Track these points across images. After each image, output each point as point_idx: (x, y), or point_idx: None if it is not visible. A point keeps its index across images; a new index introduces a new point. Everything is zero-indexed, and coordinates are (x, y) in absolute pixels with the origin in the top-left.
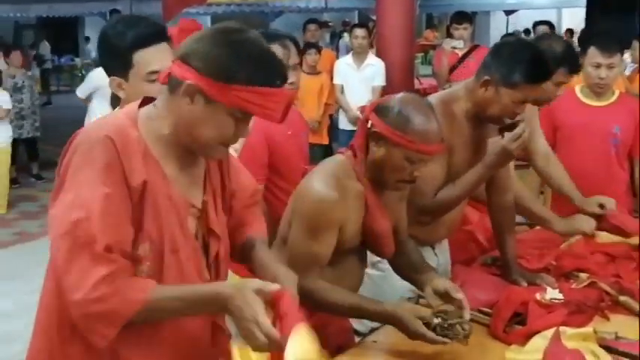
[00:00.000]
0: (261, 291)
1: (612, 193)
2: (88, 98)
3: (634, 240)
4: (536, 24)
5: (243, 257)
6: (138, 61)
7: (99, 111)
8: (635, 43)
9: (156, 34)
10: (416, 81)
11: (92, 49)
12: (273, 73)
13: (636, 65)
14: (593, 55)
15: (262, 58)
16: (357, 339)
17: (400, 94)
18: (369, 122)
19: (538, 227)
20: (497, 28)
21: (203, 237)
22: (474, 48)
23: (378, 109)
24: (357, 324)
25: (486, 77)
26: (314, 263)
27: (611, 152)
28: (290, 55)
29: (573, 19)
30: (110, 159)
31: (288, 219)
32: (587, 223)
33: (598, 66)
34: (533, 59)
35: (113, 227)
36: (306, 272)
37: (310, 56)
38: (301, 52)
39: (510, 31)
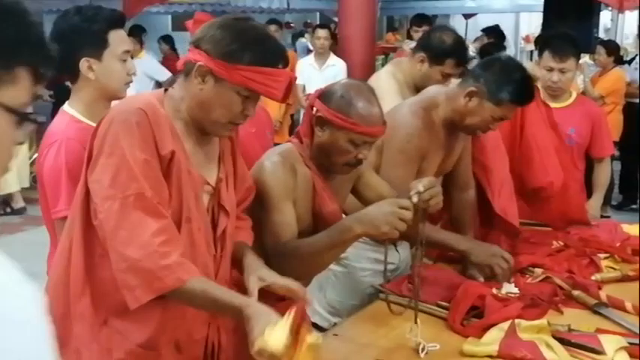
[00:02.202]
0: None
1: (567, 193)
2: None
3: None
4: (484, 30)
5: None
6: (114, 39)
7: None
8: (600, 48)
9: (123, 17)
10: None
11: None
12: (274, 56)
13: (599, 69)
14: (547, 59)
15: (265, 42)
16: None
17: (342, 80)
18: (314, 108)
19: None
20: (457, 31)
21: (213, 213)
22: None
23: (322, 95)
24: (319, 319)
25: (472, 88)
26: (282, 231)
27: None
28: None
29: (531, 23)
30: (144, 128)
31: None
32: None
33: (550, 70)
34: (522, 81)
35: (156, 188)
36: (278, 242)
37: None
38: None
39: (470, 34)
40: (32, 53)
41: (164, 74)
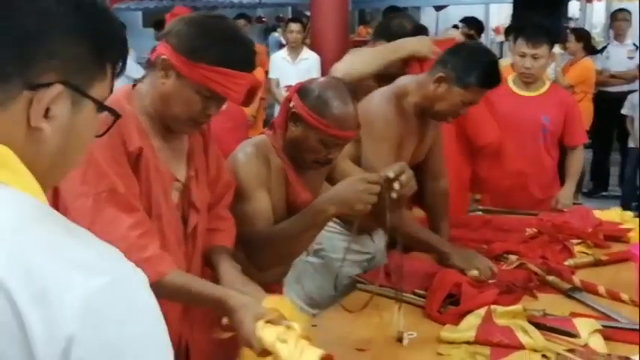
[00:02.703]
0: (262, 316)
1: (540, 180)
2: None
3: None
4: (463, 20)
5: (207, 262)
6: None
7: None
8: (570, 36)
9: None
10: None
11: None
12: (239, 58)
13: (570, 57)
14: (520, 45)
15: (231, 42)
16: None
17: (323, 78)
18: (292, 102)
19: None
20: (428, 24)
21: (183, 210)
22: None
23: (301, 90)
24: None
25: (440, 74)
26: (257, 220)
27: (539, 141)
28: None
29: (501, 14)
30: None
31: None
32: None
33: (523, 55)
34: (489, 65)
35: (127, 184)
36: (253, 230)
37: None
38: None
39: (440, 26)
40: (117, 50)
41: (137, 71)
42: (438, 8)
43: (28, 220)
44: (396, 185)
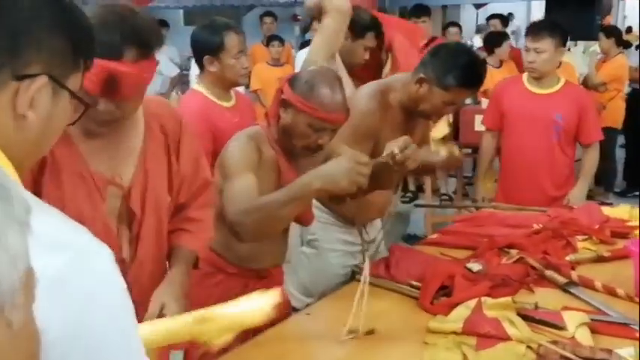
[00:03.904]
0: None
1: (555, 178)
2: None
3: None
4: (489, 18)
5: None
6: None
7: None
8: (601, 34)
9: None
10: None
11: None
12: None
13: (602, 55)
14: (525, 40)
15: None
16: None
17: (312, 68)
18: (283, 92)
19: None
20: (468, 21)
21: (129, 215)
22: (431, 41)
23: (291, 79)
24: (293, 300)
25: (421, 75)
26: (242, 197)
27: (552, 139)
28: (242, 41)
29: (542, 11)
30: None
31: (218, 184)
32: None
33: (527, 50)
34: (469, 65)
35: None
36: (239, 207)
37: (274, 48)
38: (265, 44)
39: (480, 24)
40: (90, 46)
41: (172, 69)
42: (478, 6)
43: None
44: (400, 157)
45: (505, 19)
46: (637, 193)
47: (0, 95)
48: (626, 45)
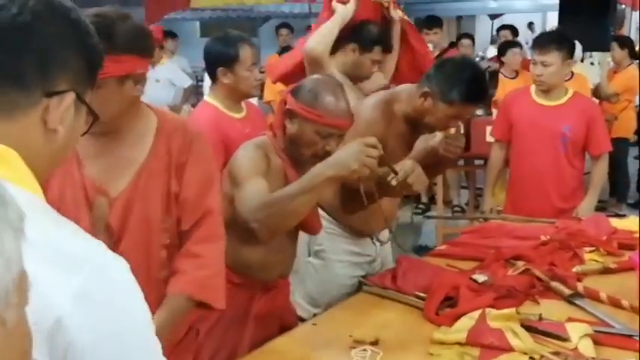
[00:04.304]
0: None
1: (562, 190)
2: None
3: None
4: (499, 29)
5: None
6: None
7: None
8: (614, 44)
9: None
10: None
11: None
12: None
13: (614, 65)
14: (532, 53)
15: None
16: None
17: (313, 76)
18: (287, 103)
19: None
20: (483, 32)
21: (119, 227)
22: (444, 51)
23: (293, 90)
24: (300, 309)
25: (426, 89)
26: (255, 197)
27: (560, 150)
28: (255, 54)
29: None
30: None
31: (227, 191)
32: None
33: (535, 63)
34: (472, 80)
35: None
36: (251, 207)
37: None
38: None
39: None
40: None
41: (185, 80)
42: (493, 17)
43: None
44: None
45: (515, 30)
46: None
47: (32, 111)
48: (638, 56)
